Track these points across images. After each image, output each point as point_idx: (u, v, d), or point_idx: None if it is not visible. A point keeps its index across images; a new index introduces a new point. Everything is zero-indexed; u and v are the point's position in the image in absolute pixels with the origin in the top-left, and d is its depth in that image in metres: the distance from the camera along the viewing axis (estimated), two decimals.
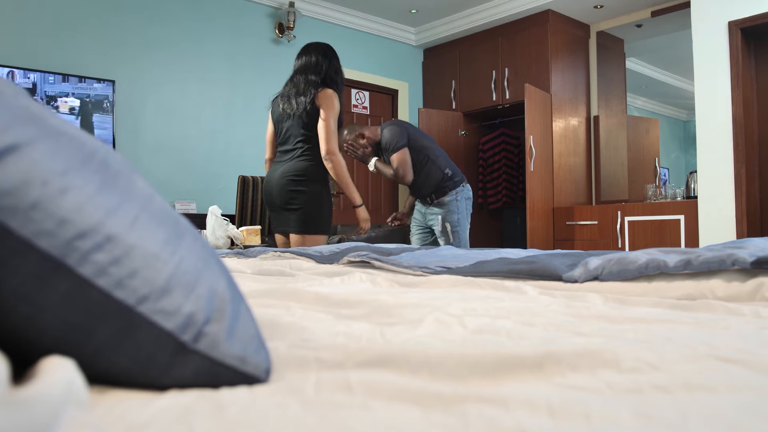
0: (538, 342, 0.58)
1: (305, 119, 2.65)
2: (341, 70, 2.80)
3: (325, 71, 2.70)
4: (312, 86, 2.66)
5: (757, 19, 3.76)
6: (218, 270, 0.50)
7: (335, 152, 2.64)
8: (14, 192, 0.38)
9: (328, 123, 2.61)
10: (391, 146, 3.13)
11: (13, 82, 0.58)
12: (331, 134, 2.62)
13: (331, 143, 2.62)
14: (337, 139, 2.64)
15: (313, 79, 2.68)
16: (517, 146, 5.55)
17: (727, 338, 0.56)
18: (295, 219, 2.71)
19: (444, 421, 0.36)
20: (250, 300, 0.87)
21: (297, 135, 2.70)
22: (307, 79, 2.68)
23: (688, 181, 4.61)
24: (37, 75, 3.56)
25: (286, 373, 0.49)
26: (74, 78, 3.69)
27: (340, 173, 2.68)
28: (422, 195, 3.32)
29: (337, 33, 5.31)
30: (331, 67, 2.73)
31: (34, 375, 0.36)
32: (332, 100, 2.64)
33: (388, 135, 3.14)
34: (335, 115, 2.64)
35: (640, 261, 1.03)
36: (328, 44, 2.81)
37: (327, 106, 2.62)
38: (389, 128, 3.18)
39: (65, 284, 0.39)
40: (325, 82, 2.69)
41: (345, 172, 2.71)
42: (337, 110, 2.65)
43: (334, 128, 2.64)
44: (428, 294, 0.96)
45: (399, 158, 3.10)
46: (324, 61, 2.71)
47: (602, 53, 5.27)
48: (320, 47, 2.77)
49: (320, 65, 2.70)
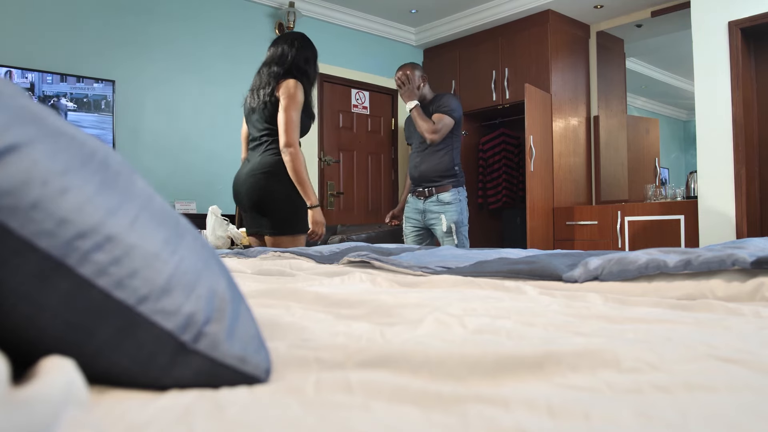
0: (538, 342, 0.58)
1: (268, 112, 2.55)
2: (313, 60, 2.67)
3: (291, 62, 2.58)
4: (273, 77, 2.55)
5: (757, 19, 3.76)
6: (218, 270, 0.50)
7: (293, 144, 2.48)
8: (14, 192, 0.38)
9: (288, 113, 2.48)
10: (444, 108, 3.09)
11: (12, 82, 0.58)
12: (290, 125, 2.48)
13: (289, 134, 2.48)
14: (297, 130, 2.51)
15: (276, 70, 2.57)
16: (517, 146, 5.55)
17: (727, 338, 0.56)
18: (268, 220, 2.57)
19: (444, 421, 0.36)
20: (250, 300, 0.87)
21: (261, 129, 2.60)
22: (270, 70, 2.58)
23: (688, 181, 4.61)
24: (35, 75, 3.56)
25: (286, 373, 0.49)
26: (72, 78, 3.69)
27: (297, 168, 2.49)
28: (422, 180, 3.19)
29: (337, 33, 5.31)
30: (300, 56, 2.60)
31: (34, 375, 0.36)
32: (293, 89, 2.50)
33: (452, 100, 3.14)
34: (297, 106, 2.50)
35: (640, 261, 1.03)
36: (302, 34, 2.71)
37: (287, 96, 2.49)
38: (454, 97, 3.19)
39: (65, 284, 0.39)
40: (290, 72, 2.56)
41: (302, 168, 2.50)
42: (300, 100, 2.51)
43: (296, 119, 2.50)
44: (428, 294, 0.96)
45: (445, 121, 3.08)
46: (290, 50, 2.60)
47: (602, 53, 5.27)
48: (289, 37, 2.66)
49: (285, 55, 2.59)
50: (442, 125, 3.07)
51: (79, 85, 3.70)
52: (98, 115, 3.78)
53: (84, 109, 3.72)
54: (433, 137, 3.06)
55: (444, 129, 3.08)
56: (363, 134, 5.56)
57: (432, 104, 3.17)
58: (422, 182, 3.21)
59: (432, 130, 3.06)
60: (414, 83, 3.16)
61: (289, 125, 2.47)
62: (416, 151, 3.24)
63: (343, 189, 5.38)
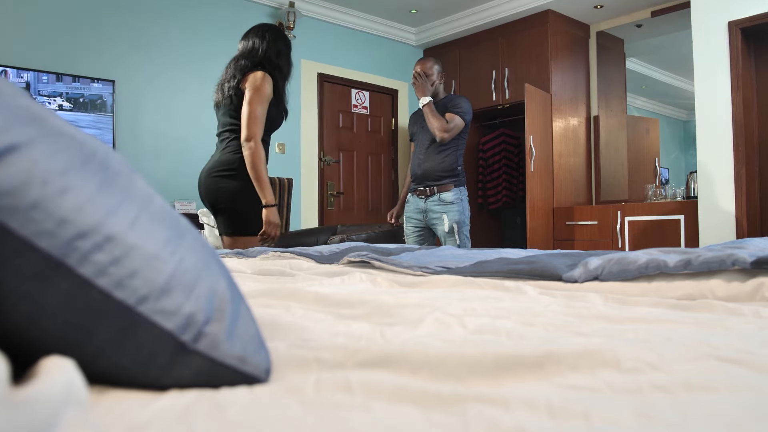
0: (538, 342, 0.58)
1: (233, 107, 2.44)
2: (286, 53, 2.54)
3: (261, 54, 2.45)
4: (240, 70, 2.44)
5: (757, 19, 3.76)
6: (218, 270, 0.50)
7: (254, 138, 2.35)
8: (14, 192, 0.38)
9: (251, 106, 2.35)
10: (458, 109, 3.11)
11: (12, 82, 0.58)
12: (252, 118, 2.35)
13: (251, 128, 2.35)
14: (261, 125, 2.38)
15: (243, 63, 2.45)
16: (517, 146, 5.55)
17: (727, 338, 0.56)
18: (224, 219, 2.46)
19: (444, 421, 0.36)
20: (250, 300, 0.87)
21: (224, 125, 2.49)
22: (237, 63, 2.47)
23: (688, 181, 4.61)
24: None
25: (286, 373, 0.49)
26: (68, 77, 3.68)
27: (255, 164, 2.35)
28: (425, 178, 3.17)
29: (337, 33, 5.31)
30: (271, 48, 2.48)
31: (34, 375, 0.36)
32: (260, 82, 2.38)
33: (465, 102, 3.16)
34: (262, 99, 2.37)
35: (640, 261, 1.03)
36: (273, 25, 2.60)
37: (252, 88, 2.37)
38: (467, 100, 3.21)
39: (65, 284, 0.39)
40: (260, 65, 2.44)
41: (261, 164, 2.37)
42: (267, 93, 2.39)
43: (259, 113, 2.37)
44: (428, 294, 0.96)
45: (456, 122, 3.09)
46: (262, 43, 2.48)
47: (602, 53, 5.27)
48: (259, 28, 2.54)
49: (256, 49, 2.47)
50: (454, 125, 3.08)
51: (75, 84, 3.69)
52: (94, 115, 3.78)
53: (80, 108, 3.72)
54: (443, 135, 3.07)
55: (455, 130, 3.09)
56: (363, 134, 5.56)
57: (444, 103, 3.17)
58: (424, 180, 3.20)
59: (444, 129, 3.06)
60: (431, 78, 3.17)
61: (251, 118, 2.36)
62: (421, 149, 3.23)
63: (343, 189, 5.38)
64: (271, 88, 2.41)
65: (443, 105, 3.16)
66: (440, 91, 3.24)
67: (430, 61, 3.21)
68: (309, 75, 5.15)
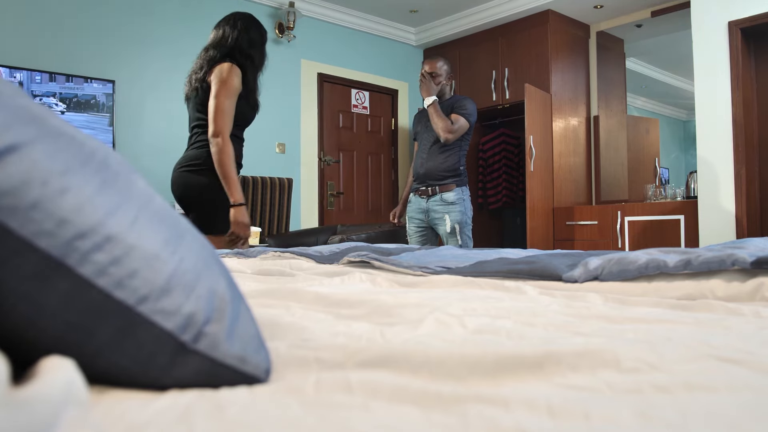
0: (538, 342, 0.58)
1: (199, 100, 2.32)
2: (260, 43, 2.41)
3: (231, 44, 2.32)
4: (207, 62, 2.31)
5: (757, 19, 3.76)
6: (218, 270, 0.50)
7: (221, 133, 2.23)
8: (14, 192, 0.38)
9: (218, 99, 2.23)
10: (463, 110, 3.11)
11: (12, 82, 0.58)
12: (219, 112, 2.23)
13: (218, 123, 2.22)
14: (228, 119, 2.25)
15: (211, 54, 2.32)
16: (517, 146, 5.55)
17: (727, 338, 0.56)
18: (192, 217, 2.34)
19: (444, 421, 0.36)
20: (250, 300, 0.87)
21: (194, 119, 2.38)
22: (205, 54, 2.35)
23: (688, 181, 4.61)
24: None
25: (286, 373, 0.49)
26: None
27: (222, 160, 2.22)
28: (427, 177, 3.17)
29: (337, 33, 5.31)
30: (243, 38, 2.35)
31: (34, 375, 0.36)
32: (226, 73, 2.25)
33: (470, 104, 3.16)
34: (230, 91, 2.25)
35: (640, 261, 1.03)
36: (247, 13, 2.46)
37: (218, 80, 2.25)
38: (472, 102, 3.20)
39: (65, 284, 0.39)
40: (230, 56, 2.31)
41: (228, 161, 2.24)
42: (234, 86, 2.26)
43: (226, 107, 2.24)
44: (428, 294, 0.96)
45: (461, 123, 3.09)
46: (232, 32, 2.34)
47: (602, 53, 5.27)
48: (231, 17, 2.41)
49: (225, 38, 2.34)
50: (458, 126, 3.09)
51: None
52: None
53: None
54: (448, 136, 3.07)
55: (459, 131, 3.10)
56: (363, 134, 5.56)
57: (450, 104, 3.17)
58: (427, 180, 3.20)
59: (449, 130, 3.07)
60: (440, 78, 3.17)
61: (217, 112, 2.23)
62: (424, 149, 3.23)
63: (343, 189, 5.38)
64: (239, 79, 2.29)
65: (449, 106, 3.16)
66: (447, 92, 3.24)
67: (439, 61, 3.21)
68: (309, 75, 5.15)
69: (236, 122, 2.33)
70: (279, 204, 4.29)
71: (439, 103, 3.16)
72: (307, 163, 5.11)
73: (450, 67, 3.25)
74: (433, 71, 3.16)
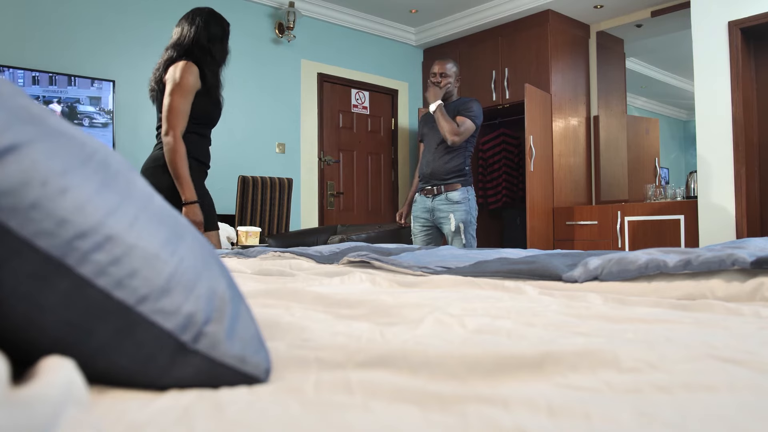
0: (538, 342, 0.58)
1: (158, 102, 2.30)
2: (220, 38, 2.36)
3: (189, 42, 2.27)
4: (164, 63, 2.28)
5: (757, 19, 3.76)
6: (218, 270, 0.50)
7: (172, 133, 2.19)
8: (14, 192, 0.38)
9: (170, 98, 2.20)
10: (470, 113, 3.13)
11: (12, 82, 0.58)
12: (171, 111, 2.19)
13: (169, 122, 2.19)
14: (181, 118, 2.22)
15: (168, 54, 2.28)
16: (517, 146, 5.55)
17: (727, 338, 0.56)
18: None
19: (443, 421, 0.36)
20: (250, 300, 0.87)
21: (158, 119, 2.33)
22: (165, 55, 2.31)
23: (688, 181, 4.61)
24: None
25: (286, 373, 0.49)
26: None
27: (173, 160, 2.20)
28: (432, 177, 3.19)
29: (337, 33, 5.31)
30: (201, 34, 2.29)
31: (34, 375, 0.36)
32: (179, 71, 2.21)
33: (477, 106, 3.18)
34: (183, 90, 2.20)
35: (640, 261, 1.03)
36: (207, 8, 2.39)
37: (171, 79, 2.22)
38: (479, 103, 3.22)
39: (65, 284, 0.39)
40: (187, 53, 2.26)
41: (178, 160, 2.20)
42: (188, 84, 2.21)
43: (179, 105, 2.20)
44: (428, 294, 0.96)
45: (467, 125, 3.11)
46: (190, 29, 2.29)
47: (602, 53, 5.27)
48: (191, 14, 2.35)
49: (183, 36, 2.29)
50: (465, 129, 3.11)
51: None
52: None
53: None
54: (455, 139, 3.09)
55: (466, 133, 3.12)
56: (363, 134, 5.56)
57: (456, 106, 3.19)
58: (432, 179, 3.22)
59: (455, 132, 3.08)
60: (448, 79, 3.18)
61: (169, 112, 2.21)
62: (429, 149, 3.25)
63: (343, 189, 5.38)
64: (194, 77, 2.25)
65: (455, 107, 3.18)
66: (454, 93, 3.26)
67: (449, 62, 3.24)
68: (309, 75, 5.15)
69: (198, 120, 2.30)
70: (279, 204, 4.29)
71: (445, 105, 3.19)
72: (307, 163, 5.11)
73: (458, 68, 3.27)
74: (443, 72, 3.18)
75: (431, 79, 3.21)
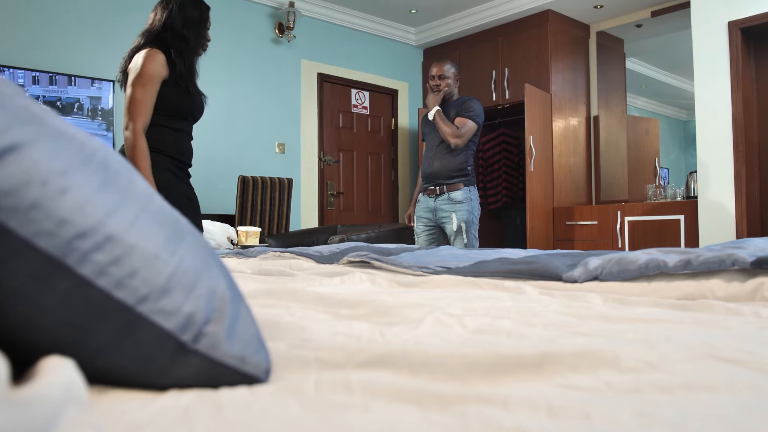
0: (538, 342, 0.58)
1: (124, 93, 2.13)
2: (197, 23, 2.14)
3: (160, 26, 2.09)
4: (131, 51, 2.11)
5: (757, 19, 3.76)
6: (218, 270, 0.50)
7: (129, 125, 2.01)
8: (14, 192, 0.38)
9: (132, 89, 2.02)
10: (470, 112, 3.11)
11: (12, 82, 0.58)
12: (131, 104, 2.01)
13: (130, 114, 2.00)
14: (142, 110, 2.02)
15: (137, 42, 2.11)
16: (517, 146, 5.55)
17: (727, 338, 0.56)
18: None
19: (443, 421, 0.36)
20: (250, 300, 0.87)
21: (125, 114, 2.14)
22: (134, 42, 2.13)
23: (688, 181, 4.61)
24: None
25: (286, 373, 0.49)
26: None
27: (131, 155, 1.99)
28: (435, 177, 3.19)
29: (337, 33, 5.31)
30: (176, 17, 2.09)
31: (34, 375, 0.36)
32: (141, 60, 2.02)
33: (477, 105, 3.17)
34: (143, 80, 2.01)
35: (640, 261, 1.03)
36: None
37: (133, 69, 2.03)
38: (479, 102, 3.21)
39: (65, 284, 0.39)
40: (157, 40, 2.08)
41: (138, 155, 2.00)
42: (149, 73, 2.02)
43: (141, 97, 2.01)
44: (428, 294, 0.96)
45: (468, 126, 3.10)
46: (162, 14, 2.10)
47: (602, 53, 5.27)
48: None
49: (154, 22, 2.11)
50: (466, 130, 3.10)
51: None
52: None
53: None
54: (457, 141, 3.08)
55: (468, 134, 3.11)
56: (363, 134, 5.56)
57: (456, 106, 3.18)
58: (435, 179, 3.22)
59: (456, 135, 3.08)
60: (447, 80, 3.18)
61: (129, 104, 2.01)
62: (431, 149, 3.25)
63: (343, 189, 5.38)
64: (159, 65, 2.04)
65: (456, 107, 3.17)
66: (455, 93, 3.25)
67: (447, 64, 3.23)
68: (309, 75, 5.15)
69: (166, 113, 2.11)
70: (279, 204, 4.29)
71: (445, 105, 3.18)
72: (307, 163, 5.11)
73: (457, 69, 3.27)
74: (442, 74, 3.18)
75: (429, 83, 3.20)
